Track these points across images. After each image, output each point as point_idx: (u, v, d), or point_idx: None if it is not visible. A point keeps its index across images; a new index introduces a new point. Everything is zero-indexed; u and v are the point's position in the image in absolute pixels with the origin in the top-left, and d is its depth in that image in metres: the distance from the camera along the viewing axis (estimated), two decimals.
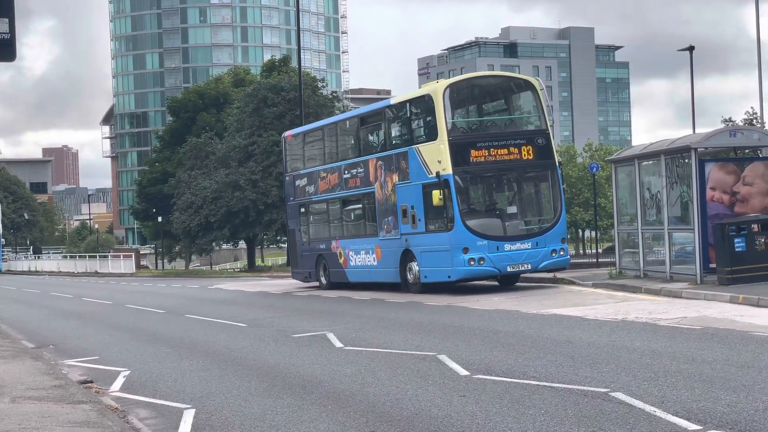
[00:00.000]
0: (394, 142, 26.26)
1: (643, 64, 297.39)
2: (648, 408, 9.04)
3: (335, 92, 69.96)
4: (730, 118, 44.49)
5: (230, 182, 55.01)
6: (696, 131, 40.36)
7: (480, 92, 26.01)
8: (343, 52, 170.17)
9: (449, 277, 23.43)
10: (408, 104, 25.53)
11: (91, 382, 13.18)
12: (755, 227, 20.03)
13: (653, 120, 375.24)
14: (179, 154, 66.60)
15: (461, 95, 25.25)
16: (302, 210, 31.44)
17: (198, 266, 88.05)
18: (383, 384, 11.36)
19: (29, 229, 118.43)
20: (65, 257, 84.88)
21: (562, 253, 23.83)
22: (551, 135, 24.48)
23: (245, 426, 9.59)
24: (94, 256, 74.55)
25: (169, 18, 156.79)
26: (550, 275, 25.32)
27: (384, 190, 25.88)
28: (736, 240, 19.87)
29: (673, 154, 21.77)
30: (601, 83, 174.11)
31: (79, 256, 79.43)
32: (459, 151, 23.39)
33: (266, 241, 74.69)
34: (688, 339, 13.40)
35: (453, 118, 24.31)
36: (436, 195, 22.90)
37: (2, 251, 71.46)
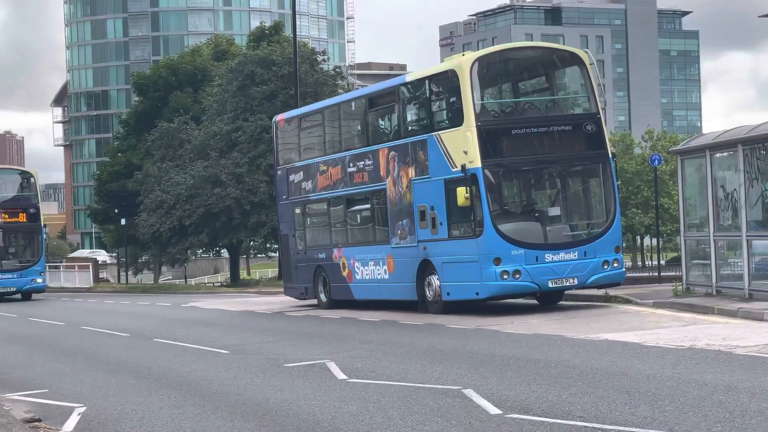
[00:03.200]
0: (410, 128, 26.26)
1: (717, 33, 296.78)
2: None
3: (338, 67, 70.11)
4: None
5: (209, 176, 55.13)
6: None
7: (516, 67, 25.99)
8: (348, 18, 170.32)
9: (477, 293, 23.42)
10: (427, 82, 25.53)
11: (40, 420, 13.21)
12: None
13: (730, 102, 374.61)
14: (147, 143, 66.77)
15: (493, 71, 25.23)
16: (297, 211, 31.48)
17: (170, 279, 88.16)
18: (396, 425, 11.37)
19: None
20: None
21: (615, 265, 23.80)
22: (603, 120, 24.48)
23: None
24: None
25: None
26: (600, 292, 25.30)
27: (397, 187, 25.90)
28: None
29: (754, 144, 21.72)
30: (664, 57, 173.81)
31: None
32: (490, 140, 23.39)
33: (253, 249, 74.70)
34: None
35: (482, 99, 24.30)
36: (462, 193, 22.91)
37: (44, 256, 53.24)
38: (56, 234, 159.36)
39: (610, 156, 24.35)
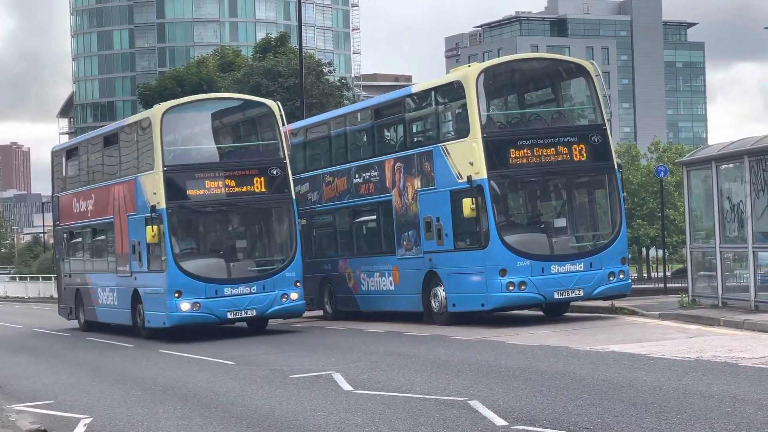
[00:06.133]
0: (415, 139, 26.27)
1: (724, 45, 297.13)
2: None
3: (344, 78, 70.21)
4: None
5: None
6: None
7: (521, 78, 26.01)
8: (353, 30, 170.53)
9: (483, 305, 23.40)
10: (433, 93, 25.55)
11: (45, 431, 13.22)
12: None
13: (738, 113, 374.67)
14: None
15: (499, 82, 25.26)
16: (303, 222, 31.46)
17: None
18: None
19: None
20: (13, 279, 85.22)
21: (621, 276, 23.77)
22: (608, 131, 24.47)
23: None
24: (49, 278, 74.82)
25: None
26: (607, 304, 25.27)
27: (403, 198, 25.90)
28: None
29: (760, 155, 21.69)
30: (670, 68, 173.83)
31: (31, 278, 79.77)
32: (495, 151, 23.39)
33: None
34: None
35: (488, 110, 24.31)
36: (468, 204, 22.90)
37: (300, 250, 26.81)
38: None
39: (616, 167, 24.34)
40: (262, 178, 26.19)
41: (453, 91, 24.64)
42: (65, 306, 33.90)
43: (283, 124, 26.30)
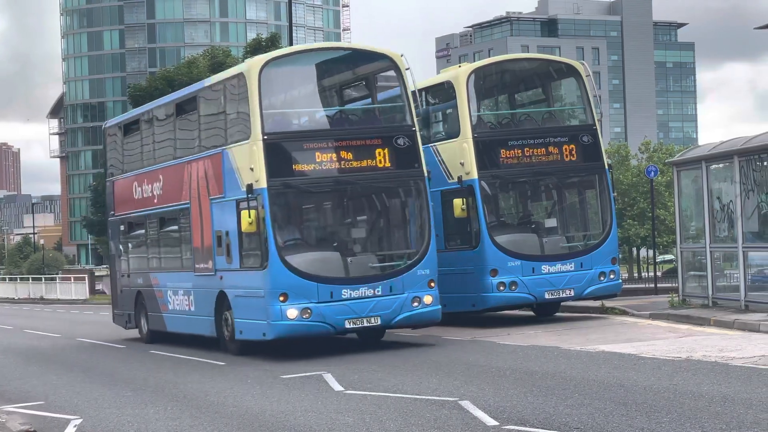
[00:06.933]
0: None
1: (714, 45, 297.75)
2: None
3: None
4: None
5: None
6: None
7: (512, 79, 26.04)
8: (344, 30, 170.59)
9: (474, 305, 23.40)
10: (424, 93, 25.52)
11: None
12: None
13: (729, 113, 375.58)
14: None
15: (489, 82, 25.27)
16: None
17: None
18: None
19: None
20: (3, 280, 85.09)
21: (612, 276, 23.80)
22: (599, 131, 24.50)
23: None
24: (39, 279, 74.79)
25: None
26: (597, 304, 25.30)
27: None
28: None
29: (750, 155, 21.73)
30: (660, 68, 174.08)
31: (21, 279, 79.69)
32: (486, 151, 23.41)
33: None
34: (767, 382, 13.38)
35: (479, 111, 24.32)
36: (458, 205, 22.91)
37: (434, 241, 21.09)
38: (52, 245, 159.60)
39: (606, 167, 24.37)
40: (386, 150, 20.69)
41: (444, 91, 24.65)
42: (122, 312, 27.91)
43: (412, 80, 21.50)
